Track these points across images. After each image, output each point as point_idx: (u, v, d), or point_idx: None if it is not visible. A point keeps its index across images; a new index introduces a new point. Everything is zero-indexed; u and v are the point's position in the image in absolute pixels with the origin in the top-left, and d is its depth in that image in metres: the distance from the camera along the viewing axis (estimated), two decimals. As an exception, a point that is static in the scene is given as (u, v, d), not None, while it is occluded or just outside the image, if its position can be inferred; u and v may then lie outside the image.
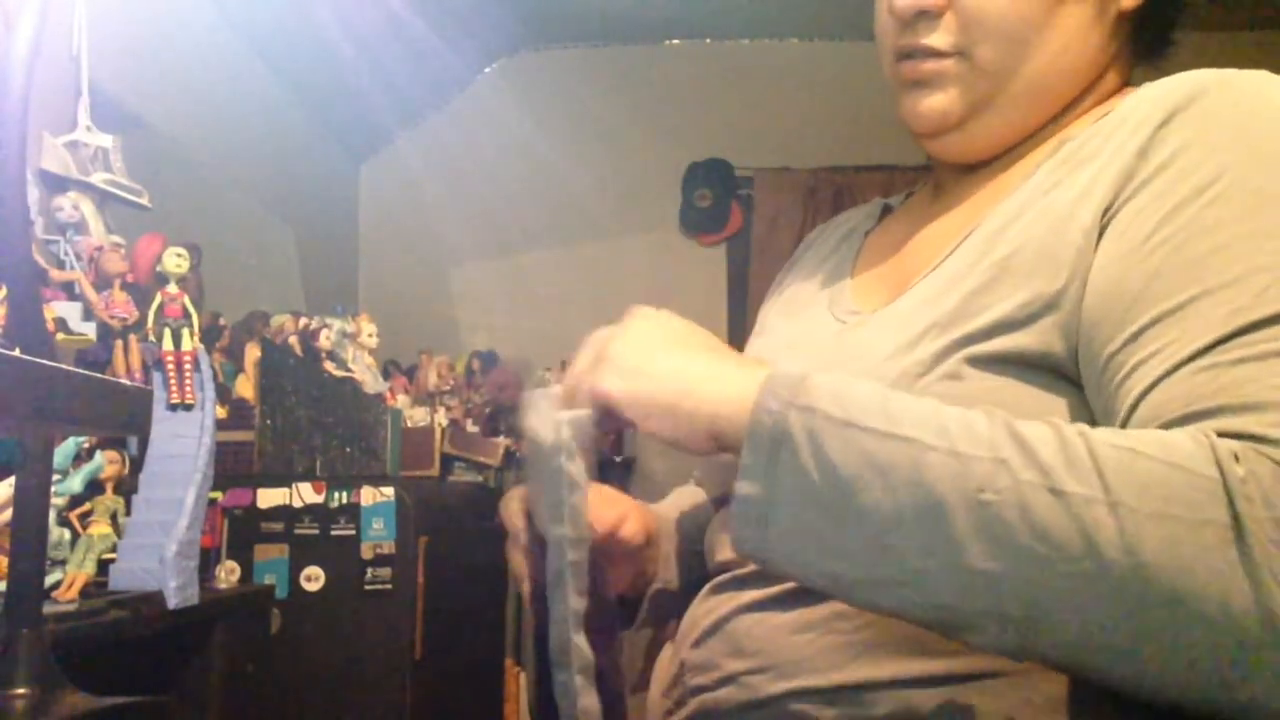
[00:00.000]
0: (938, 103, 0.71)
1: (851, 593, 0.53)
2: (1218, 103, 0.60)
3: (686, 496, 0.89)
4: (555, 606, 0.56)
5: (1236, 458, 0.47)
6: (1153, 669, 0.48)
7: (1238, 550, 0.45)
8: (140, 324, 1.56)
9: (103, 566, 1.37)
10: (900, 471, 0.49)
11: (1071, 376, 0.60)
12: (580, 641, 0.55)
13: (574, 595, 0.56)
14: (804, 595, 0.62)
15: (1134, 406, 0.54)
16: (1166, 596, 0.46)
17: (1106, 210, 0.60)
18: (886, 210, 0.88)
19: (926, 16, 0.69)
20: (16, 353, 0.71)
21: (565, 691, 0.56)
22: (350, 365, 2.35)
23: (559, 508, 0.56)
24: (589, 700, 0.56)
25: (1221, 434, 0.49)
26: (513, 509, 0.69)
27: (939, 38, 0.69)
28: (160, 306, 1.51)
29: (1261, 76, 0.61)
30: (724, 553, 0.71)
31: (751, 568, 0.66)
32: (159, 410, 1.44)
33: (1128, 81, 0.74)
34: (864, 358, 0.66)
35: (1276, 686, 0.47)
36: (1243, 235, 0.55)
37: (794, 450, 0.51)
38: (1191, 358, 0.53)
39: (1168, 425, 0.52)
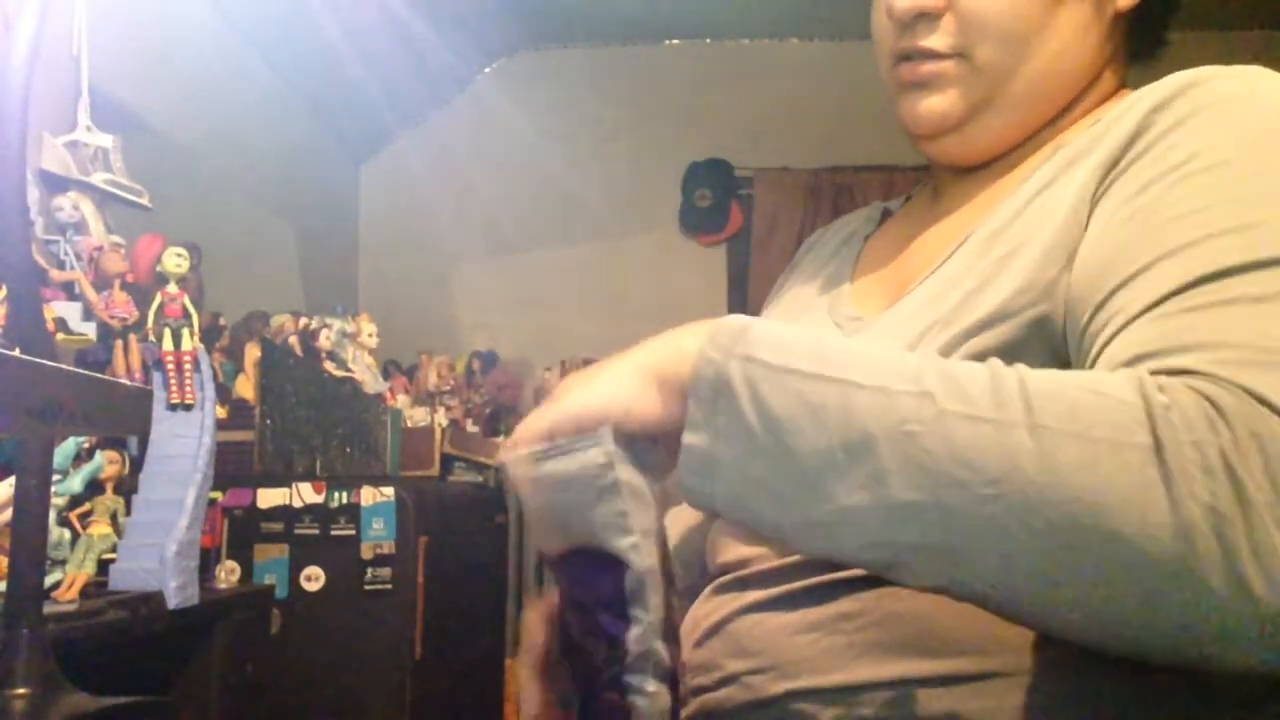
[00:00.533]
0: (937, 105, 0.71)
1: (795, 539, 0.54)
2: (1204, 92, 0.61)
3: (679, 521, 0.89)
4: (637, 614, 0.56)
5: (1161, 389, 0.48)
6: (1072, 599, 0.48)
7: (1158, 470, 0.45)
8: (140, 324, 1.56)
9: (103, 566, 1.37)
10: (831, 411, 0.50)
11: (1073, 363, 0.60)
12: (660, 648, 0.56)
13: (656, 603, 0.56)
14: (807, 596, 0.62)
15: (1093, 364, 0.56)
16: (1085, 515, 0.46)
17: (1094, 196, 0.61)
18: (886, 214, 0.88)
19: (926, 18, 0.69)
20: (16, 353, 0.71)
21: (641, 695, 0.56)
22: (350, 365, 2.35)
23: (624, 518, 0.55)
24: (663, 702, 0.56)
25: (1155, 372, 0.49)
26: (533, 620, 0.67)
27: (938, 39, 0.69)
28: (160, 306, 1.51)
29: (1253, 70, 0.62)
30: (725, 554, 0.71)
31: (754, 569, 0.67)
32: (159, 410, 1.44)
33: (1124, 83, 0.74)
34: None
35: (1188, 608, 0.46)
36: (1208, 203, 0.55)
37: (733, 398, 0.52)
38: (1144, 311, 0.54)
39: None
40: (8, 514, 1.06)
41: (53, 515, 1.30)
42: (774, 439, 0.51)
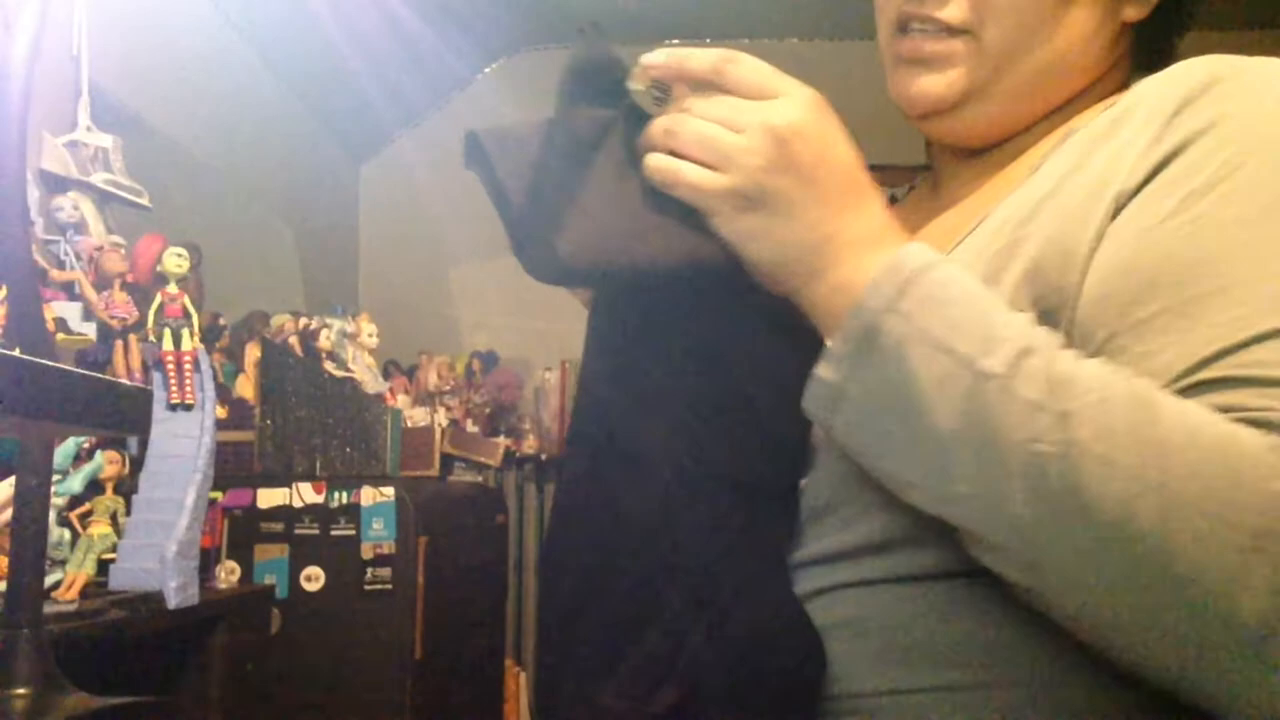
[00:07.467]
0: (934, 85, 0.69)
1: (897, 488, 0.56)
2: (1230, 90, 0.59)
3: None
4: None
5: None
6: (1148, 647, 0.51)
7: (1271, 565, 0.47)
8: (140, 324, 1.56)
9: (103, 566, 1.37)
10: (974, 404, 0.52)
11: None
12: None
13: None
14: (803, 602, 0.62)
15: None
16: (1182, 581, 0.48)
17: (1118, 198, 0.59)
18: (893, 200, 0.87)
19: None
20: (16, 353, 0.71)
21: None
22: (350, 365, 2.35)
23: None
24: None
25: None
26: None
27: (950, 11, 0.67)
28: (160, 306, 1.51)
29: (1272, 64, 0.60)
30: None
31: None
32: (159, 410, 1.44)
33: (1125, 87, 0.73)
34: None
35: (1249, 698, 0.49)
36: (1258, 237, 0.54)
37: (880, 354, 0.55)
38: (1198, 366, 0.53)
39: None
40: (8, 514, 1.07)
41: (53, 515, 1.30)
42: (910, 406, 0.53)
